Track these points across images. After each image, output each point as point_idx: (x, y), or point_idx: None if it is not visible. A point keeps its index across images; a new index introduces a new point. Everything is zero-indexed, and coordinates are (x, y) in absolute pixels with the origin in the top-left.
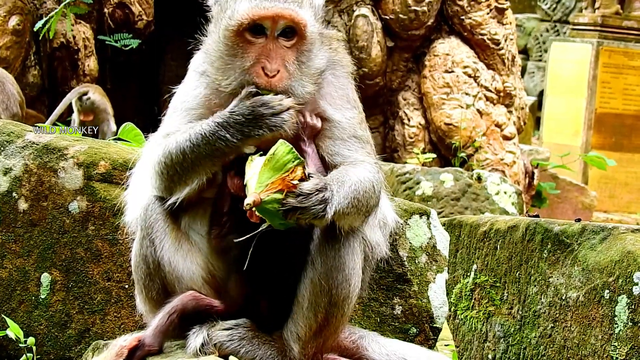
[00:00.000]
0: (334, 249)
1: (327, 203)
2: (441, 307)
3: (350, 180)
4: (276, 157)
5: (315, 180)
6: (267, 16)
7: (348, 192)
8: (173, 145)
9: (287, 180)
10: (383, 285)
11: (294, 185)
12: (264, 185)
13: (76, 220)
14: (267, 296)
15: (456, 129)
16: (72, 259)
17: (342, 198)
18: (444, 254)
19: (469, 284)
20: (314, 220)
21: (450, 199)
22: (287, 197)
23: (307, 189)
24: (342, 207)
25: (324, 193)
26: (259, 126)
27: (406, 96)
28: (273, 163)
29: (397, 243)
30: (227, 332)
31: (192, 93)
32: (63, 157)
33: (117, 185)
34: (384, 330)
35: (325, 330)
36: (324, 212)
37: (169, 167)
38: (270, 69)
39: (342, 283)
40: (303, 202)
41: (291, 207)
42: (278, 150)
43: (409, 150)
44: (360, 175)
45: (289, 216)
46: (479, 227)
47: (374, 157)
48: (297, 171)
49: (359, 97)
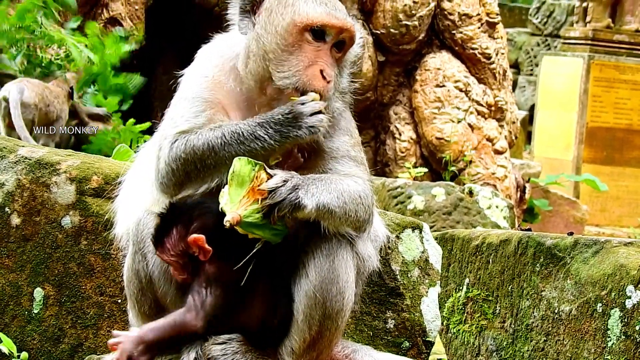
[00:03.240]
0: (328, 261)
1: (299, 189)
2: (434, 320)
3: (334, 180)
4: (236, 173)
5: (279, 174)
6: (336, 26)
7: (331, 188)
8: (200, 142)
9: (256, 188)
10: (376, 299)
11: (264, 190)
12: (238, 203)
13: (69, 235)
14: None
15: (447, 143)
16: (64, 274)
17: (322, 190)
18: (437, 268)
19: (462, 297)
20: (295, 212)
21: (442, 213)
22: (262, 202)
23: (273, 184)
24: (324, 200)
25: (291, 181)
26: (298, 126)
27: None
28: (237, 180)
29: (390, 257)
30: (221, 346)
31: (209, 83)
32: (55, 172)
33: (109, 200)
34: (377, 344)
35: (319, 344)
36: (297, 197)
37: (188, 163)
38: (328, 73)
39: (336, 295)
40: (275, 197)
41: (268, 207)
42: (235, 167)
43: (401, 165)
44: (348, 182)
45: (272, 218)
46: (471, 241)
47: (367, 175)
48: (261, 175)
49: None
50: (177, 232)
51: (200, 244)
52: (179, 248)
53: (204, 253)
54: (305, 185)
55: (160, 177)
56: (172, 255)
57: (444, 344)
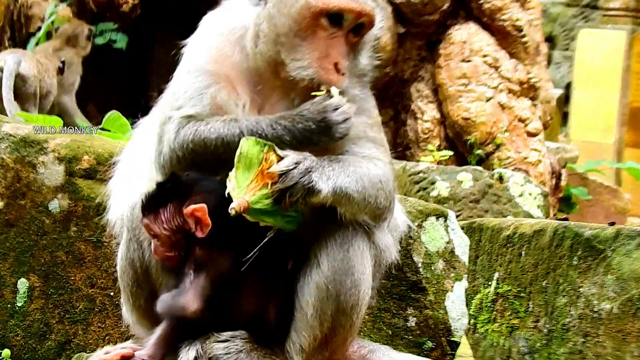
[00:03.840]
0: (342, 250)
1: (312, 171)
2: (459, 318)
3: (352, 163)
4: (244, 155)
5: (291, 155)
6: (355, 10)
7: (349, 171)
8: (213, 136)
9: (265, 171)
10: (395, 294)
11: (274, 173)
12: (245, 187)
13: (57, 221)
14: (273, 304)
15: (475, 124)
16: (52, 263)
17: (339, 172)
18: (463, 260)
19: (491, 293)
20: (309, 197)
21: (468, 200)
22: (272, 186)
23: (284, 166)
24: (341, 184)
25: (303, 162)
26: (330, 135)
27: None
28: (244, 163)
29: (412, 248)
30: (223, 344)
31: (214, 54)
32: (43, 150)
33: (102, 182)
34: (396, 344)
35: (331, 342)
36: (311, 181)
37: (197, 154)
38: (342, 66)
39: (351, 289)
40: (286, 181)
41: (279, 191)
42: (243, 148)
43: (423, 147)
44: (368, 165)
45: (283, 203)
46: (501, 231)
47: (388, 158)
48: (270, 157)
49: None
50: (175, 205)
51: (200, 216)
52: (175, 222)
53: (203, 227)
54: (320, 167)
55: (162, 161)
56: (165, 229)
57: (471, 345)
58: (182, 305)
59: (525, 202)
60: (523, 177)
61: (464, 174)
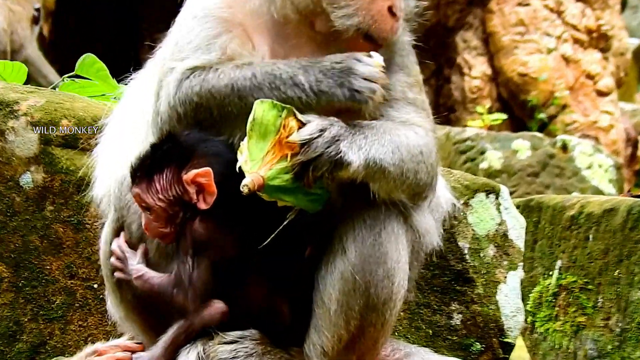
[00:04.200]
0: (373, 234)
1: (340, 140)
2: (514, 316)
3: (388, 130)
4: (258, 120)
5: (315, 120)
6: None
7: (385, 140)
8: (222, 83)
9: (283, 140)
10: (437, 286)
11: (294, 142)
12: (260, 160)
13: (29, 198)
14: (290, 298)
15: (533, 81)
16: (23, 250)
17: (372, 141)
18: (518, 246)
19: (552, 286)
20: (337, 171)
21: (525, 174)
22: (292, 158)
23: (307, 134)
24: (375, 155)
25: (330, 129)
26: (341, 83)
27: (467, 37)
28: (258, 130)
29: (456, 231)
30: (230, 346)
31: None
32: (13, 114)
33: (83, 152)
34: (438, 346)
35: (359, 343)
36: (339, 151)
37: (202, 108)
38: (398, 6)
39: (383, 280)
40: (309, 152)
41: (300, 165)
42: (257, 113)
43: (470, 110)
44: (406, 133)
45: (305, 179)
46: (564, 211)
47: (430, 124)
48: (290, 123)
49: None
50: (173, 170)
51: (204, 182)
52: (172, 191)
53: (206, 197)
54: (349, 135)
55: (160, 122)
56: (159, 200)
57: (528, 347)
58: (176, 301)
59: (594, 175)
60: (592, 145)
61: (520, 142)
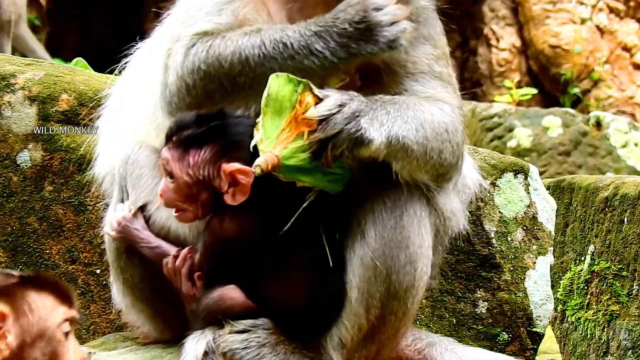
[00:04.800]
0: (394, 217)
1: (361, 116)
2: (543, 304)
3: (412, 105)
4: (273, 96)
5: (333, 95)
6: None
7: (408, 116)
8: (228, 50)
9: (300, 117)
10: (461, 272)
11: (312, 119)
12: (275, 138)
13: (27, 178)
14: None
15: (566, 54)
16: (20, 233)
17: (394, 117)
18: (548, 229)
19: (584, 272)
20: (357, 149)
21: (556, 153)
22: (309, 136)
23: (325, 109)
24: (397, 132)
25: (349, 104)
26: (373, 40)
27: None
28: (273, 106)
29: (482, 213)
30: (242, 336)
31: None
32: (9, 88)
33: (85, 128)
34: (462, 336)
35: (379, 333)
36: (359, 128)
37: (211, 77)
38: None
39: (405, 266)
40: (327, 129)
41: (318, 142)
42: (272, 88)
43: (498, 84)
44: (431, 109)
45: (324, 158)
46: (598, 192)
47: (456, 100)
48: (306, 98)
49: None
50: (213, 152)
51: (242, 181)
52: (204, 172)
53: (237, 195)
54: (370, 110)
55: (169, 95)
56: (188, 175)
57: (558, 337)
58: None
59: (629, 154)
60: (627, 122)
61: (551, 119)
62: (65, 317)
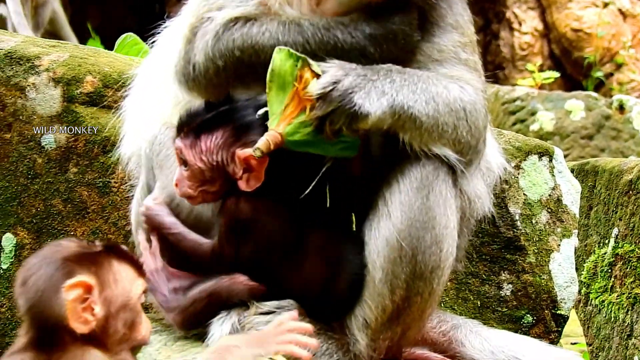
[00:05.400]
0: (420, 197)
1: (354, 92)
2: (568, 286)
3: (425, 79)
4: (276, 71)
5: (330, 71)
6: None
7: (418, 87)
8: (268, 42)
9: (300, 92)
10: (486, 254)
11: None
12: (279, 115)
13: (52, 160)
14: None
15: (589, 37)
16: (45, 214)
17: (400, 86)
18: (573, 212)
19: (608, 255)
20: (355, 124)
21: (579, 136)
22: (310, 112)
23: (320, 88)
24: (400, 101)
25: (343, 81)
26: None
27: None
28: (276, 81)
29: (507, 195)
30: (266, 317)
31: None
32: (34, 69)
33: (109, 110)
34: (487, 318)
35: (404, 315)
36: (352, 104)
37: (243, 63)
38: None
39: (431, 246)
40: (323, 107)
41: (317, 120)
42: (275, 62)
43: (521, 67)
44: (449, 85)
45: (325, 132)
46: (622, 175)
47: (481, 84)
48: (305, 74)
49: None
50: (225, 138)
51: (255, 167)
52: (217, 157)
53: (251, 181)
54: (367, 83)
55: (195, 73)
56: (201, 161)
57: (582, 320)
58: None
59: None
60: None
61: (574, 102)
62: (144, 289)
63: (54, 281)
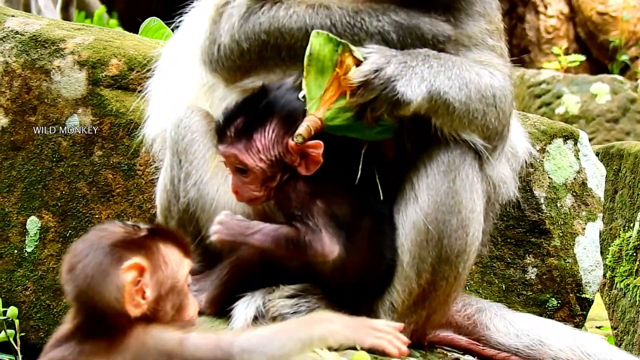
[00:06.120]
0: (447, 181)
1: (396, 80)
2: (593, 270)
3: (459, 64)
4: (314, 55)
5: (371, 57)
6: None
7: (452, 74)
8: (295, 25)
9: (341, 77)
10: (511, 238)
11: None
12: (319, 99)
13: (77, 143)
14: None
15: (614, 21)
16: (70, 197)
17: (437, 72)
18: (598, 195)
19: (633, 238)
20: (396, 111)
21: (604, 119)
22: (350, 98)
23: (362, 75)
24: (438, 87)
25: (386, 69)
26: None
27: None
28: (315, 66)
29: (532, 179)
30: (291, 300)
31: None
32: (59, 52)
33: (134, 93)
34: (512, 302)
35: (430, 298)
36: (395, 92)
37: (269, 46)
38: None
39: (457, 230)
40: (364, 94)
41: (358, 107)
42: (313, 46)
43: (546, 51)
44: (480, 71)
45: (365, 120)
46: None
47: (508, 69)
48: (347, 60)
49: None
50: (277, 129)
51: (314, 153)
52: (275, 151)
53: (310, 165)
54: (408, 70)
55: (219, 54)
56: (261, 160)
57: (607, 304)
58: (320, 251)
59: None
60: None
61: (600, 86)
62: (190, 270)
63: (103, 267)
